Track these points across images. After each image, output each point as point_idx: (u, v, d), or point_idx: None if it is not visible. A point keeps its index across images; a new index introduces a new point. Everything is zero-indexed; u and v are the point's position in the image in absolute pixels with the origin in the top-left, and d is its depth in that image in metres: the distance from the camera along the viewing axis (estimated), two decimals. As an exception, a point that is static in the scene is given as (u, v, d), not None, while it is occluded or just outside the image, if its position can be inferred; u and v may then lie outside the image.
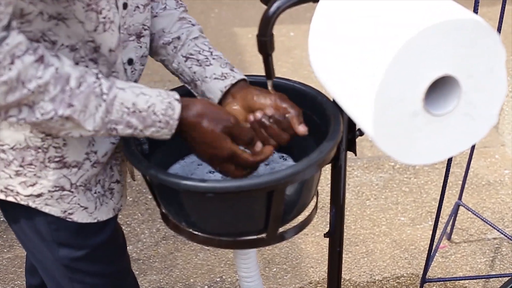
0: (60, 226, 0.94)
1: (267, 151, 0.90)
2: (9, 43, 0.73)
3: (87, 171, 0.92)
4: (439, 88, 0.77)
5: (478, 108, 0.78)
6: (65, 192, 0.92)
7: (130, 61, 0.94)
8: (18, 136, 0.88)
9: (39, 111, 0.77)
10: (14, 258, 1.83)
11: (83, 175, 0.92)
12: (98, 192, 0.96)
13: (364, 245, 1.86)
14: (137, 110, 0.82)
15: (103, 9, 0.82)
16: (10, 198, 0.92)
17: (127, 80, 0.94)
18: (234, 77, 0.94)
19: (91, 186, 0.94)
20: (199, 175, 1.01)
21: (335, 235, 1.10)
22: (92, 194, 0.95)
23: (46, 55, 0.77)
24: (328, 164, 0.95)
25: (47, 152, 0.89)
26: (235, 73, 0.95)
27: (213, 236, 0.93)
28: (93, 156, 0.92)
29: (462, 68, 0.75)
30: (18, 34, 0.75)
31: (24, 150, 0.88)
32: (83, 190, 0.93)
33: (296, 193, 0.93)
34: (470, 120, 0.78)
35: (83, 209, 0.94)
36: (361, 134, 1.01)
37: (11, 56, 0.73)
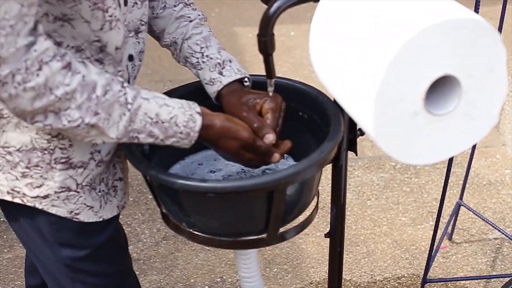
0: (62, 226, 0.94)
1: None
2: (37, 49, 0.74)
3: (92, 170, 0.93)
4: (439, 88, 0.77)
5: (479, 108, 0.78)
6: (71, 193, 0.92)
7: (130, 57, 0.94)
8: (24, 138, 0.88)
9: (65, 118, 0.78)
10: (14, 258, 1.83)
11: (88, 175, 0.93)
12: (102, 190, 0.96)
13: (365, 245, 1.86)
14: (160, 121, 0.84)
15: (110, 7, 0.82)
16: (16, 200, 0.92)
17: (129, 77, 0.95)
18: (220, 82, 0.98)
19: (95, 185, 0.95)
20: (200, 175, 1.01)
21: (336, 235, 1.09)
22: (96, 193, 0.95)
23: (73, 62, 0.78)
24: (329, 164, 0.95)
25: (53, 154, 0.89)
26: (223, 77, 0.98)
27: (213, 236, 0.93)
28: (97, 156, 0.93)
29: (463, 67, 0.74)
30: (46, 40, 0.75)
31: (30, 151, 0.88)
32: (88, 190, 0.94)
33: (297, 193, 0.93)
34: (470, 120, 0.78)
35: (89, 209, 0.95)
36: (362, 134, 1.01)
37: (39, 62, 0.74)
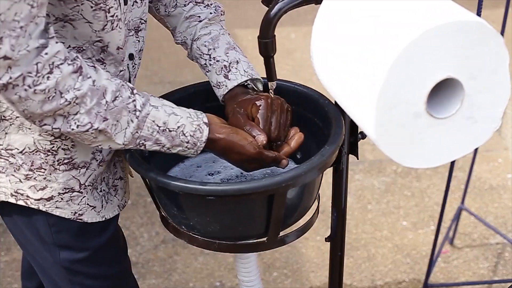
0: (61, 228, 0.94)
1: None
2: (48, 52, 0.74)
3: (94, 170, 0.93)
4: (442, 90, 0.76)
5: (481, 111, 0.77)
6: (75, 193, 0.92)
7: (131, 56, 0.94)
8: (27, 140, 0.88)
9: (74, 123, 0.78)
10: (11, 261, 1.82)
11: (91, 175, 0.93)
12: (104, 190, 0.97)
13: (365, 249, 1.85)
14: (167, 129, 0.84)
15: (112, 7, 0.82)
16: (20, 202, 0.92)
17: (130, 76, 0.95)
18: (226, 86, 0.98)
19: (97, 184, 0.95)
20: (199, 177, 1.00)
21: (337, 239, 1.09)
22: (98, 193, 0.95)
23: (84, 66, 0.78)
24: (329, 167, 0.94)
25: (57, 155, 0.89)
26: (228, 80, 0.98)
27: (213, 239, 0.92)
28: (99, 155, 0.93)
29: (465, 70, 0.74)
30: (57, 43, 0.76)
31: (33, 153, 0.88)
32: (90, 190, 0.94)
33: (297, 197, 0.92)
34: (473, 123, 0.78)
35: (92, 209, 0.95)
36: (363, 137, 1.00)
37: (50, 65, 0.74)
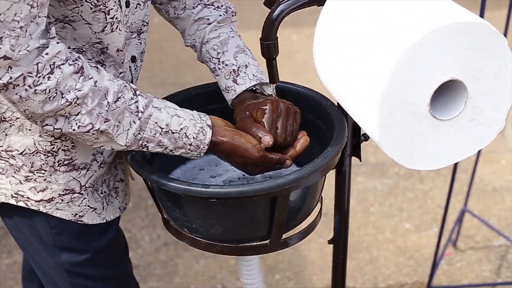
0: (62, 230, 0.94)
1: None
2: (49, 52, 0.74)
3: (95, 172, 0.93)
4: (445, 92, 0.76)
5: (485, 113, 0.77)
6: (75, 195, 0.92)
7: (133, 59, 0.94)
8: (27, 141, 0.87)
9: (76, 123, 0.78)
10: (13, 264, 1.82)
11: (91, 176, 0.92)
12: (104, 192, 0.96)
13: (368, 252, 1.84)
14: (170, 131, 0.84)
15: (111, 9, 0.82)
16: (21, 204, 0.91)
17: (132, 79, 0.95)
18: (235, 91, 0.97)
19: (98, 186, 0.95)
20: (201, 180, 1.00)
21: (339, 241, 1.08)
22: (98, 195, 0.95)
23: (86, 67, 0.78)
24: (332, 169, 0.94)
25: (57, 156, 0.89)
26: (237, 85, 0.97)
27: (215, 242, 0.92)
28: (100, 157, 0.92)
29: (469, 71, 0.74)
30: (58, 43, 0.76)
31: (33, 155, 0.88)
32: (91, 191, 0.94)
33: (300, 199, 0.92)
34: (476, 125, 0.77)
35: (93, 210, 0.94)
36: (366, 139, 1.00)
37: (51, 65, 0.74)
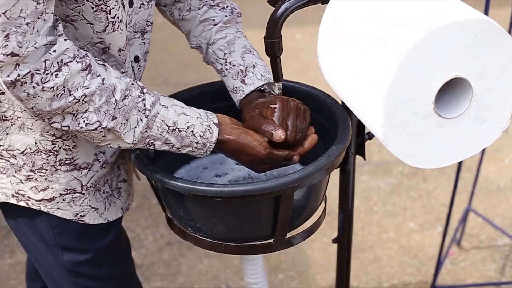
0: (64, 230, 0.94)
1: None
2: (56, 49, 0.74)
3: (97, 172, 0.93)
4: (450, 90, 0.76)
5: (489, 111, 0.77)
6: (76, 195, 0.92)
7: (136, 59, 0.94)
8: (28, 140, 0.87)
9: (83, 121, 0.79)
10: (15, 264, 1.82)
11: (93, 176, 0.92)
12: (107, 192, 0.96)
13: (372, 251, 1.84)
14: (177, 129, 0.84)
15: (112, 8, 0.82)
16: (21, 203, 0.91)
17: (135, 79, 0.94)
18: (243, 91, 0.97)
19: (100, 186, 0.95)
20: (205, 179, 1.00)
21: (344, 240, 1.08)
22: (100, 195, 0.95)
23: (94, 64, 0.78)
24: (336, 168, 0.94)
25: (58, 155, 0.89)
26: (245, 85, 0.96)
27: (219, 241, 0.92)
28: (102, 157, 0.92)
29: (474, 69, 0.73)
30: (66, 40, 0.76)
31: (34, 154, 0.88)
32: (93, 191, 0.93)
33: (304, 198, 0.92)
34: (481, 123, 0.77)
35: (94, 210, 0.94)
36: (370, 138, 0.99)
37: (59, 62, 0.74)
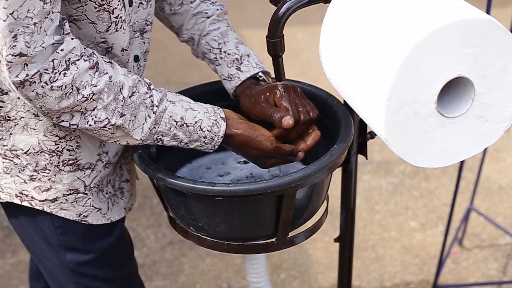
0: (67, 230, 0.94)
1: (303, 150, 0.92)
2: (64, 48, 0.75)
3: (100, 172, 0.93)
4: (452, 89, 0.76)
5: (492, 110, 0.77)
6: (79, 195, 0.92)
7: (136, 58, 0.94)
8: (32, 140, 0.87)
9: (92, 119, 0.79)
10: (17, 263, 1.82)
11: (96, 176, 0.92)
12: (109, 192, 0.96)
13: (373, 250, 1.84)
14: (185, 124, 0.85)
15: (115, 8, 0.82)
16: (25, 203, 0.91)
17: None
18: (239, 78, 0.97)
19: (103, 187, 0.95)
20: (207, 178, 1.00)
21: (345, 240, 1.08)
22: (104, 195, 0.95)
23: (101, 62, 0.79)
24: (338, 167, 0.94)
25: (61, 155, 0.89)
26: (241, 72, 0.97)
27: (221, 240, 0.92)
28: (105, 157, 0.92)
29: (476, 69, 0.73)
30: (73, 39, 0.76)
31: (38, 154, 0.88)
32: (96, 192, 0.93)
33: (306, 197, 0.92)
34: (483, 123, 0.77)
35: (97, 211, 0.94)
36: (372, 137, 0.99)
37: (66, 61, 0.75)
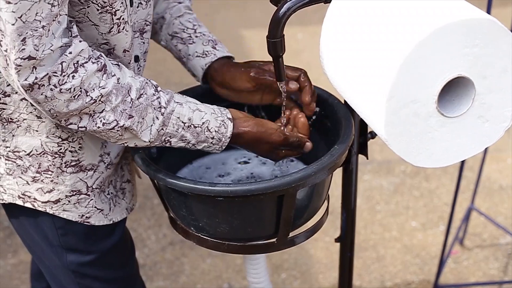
0: (68, 231, 0.94)
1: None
2: (72, 51, 0.75)
3: (102, 173, 0.93)
4: (452, 89, 0.75)
5: (492, 110, 0.77)
6: (82, 196, 0.92)
7: (136, 58, 0.94)
8: (34, 142, 0.87)
9: (100, 121, 0.79)
10: (18, 263, 1.82)
11: (98, 177, 0.93)
12: (111, 193, 0.96)
13: (374, 250, 1.84)
14: (192, 126, 0.85)
15: (118, 10, 0.82)
16: (28, 204, 0.91)
17: None
18: (214, 54, 0.98)
19: (104, 187, 0.95)
20: (208, 179, 1.00)
21: (346, 240, 1.08)
22: (105, 196, 0.95)
23: (108, 64, 0.79)
24: (339, 167, 0.94)
25: (64, 157, 0.89)
26: (217, 50, 0.98)
27: (222, 240, 0.92)
28: (107, 158, 0.92)
29: (476, 68, 0.73)
30: (80, 41, 0.77)
31: (40, 156, 0.88)
32: (98, 193, 0.94)
33: (307, 197, 0.92)
34: (483, 123, 0.77)
35: (99, 212, 0.94)
36: (373, 137, 0.99)
37: (75, 64, 0.75)
